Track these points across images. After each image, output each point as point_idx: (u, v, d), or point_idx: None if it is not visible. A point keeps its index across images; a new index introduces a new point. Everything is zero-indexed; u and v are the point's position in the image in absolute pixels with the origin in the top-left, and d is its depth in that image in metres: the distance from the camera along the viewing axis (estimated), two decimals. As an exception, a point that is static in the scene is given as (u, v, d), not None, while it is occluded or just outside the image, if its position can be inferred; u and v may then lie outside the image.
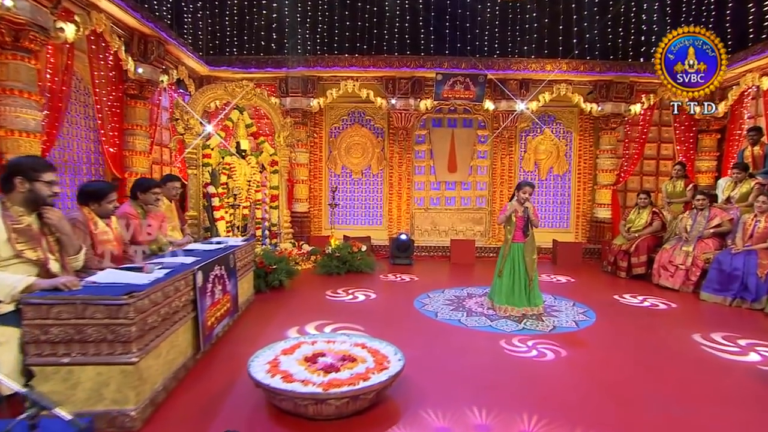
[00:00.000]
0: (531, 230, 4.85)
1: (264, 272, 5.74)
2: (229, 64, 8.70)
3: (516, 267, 4.84)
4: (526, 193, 4.78)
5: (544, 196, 9.51)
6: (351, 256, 7.03)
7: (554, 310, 5.01)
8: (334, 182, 9.48)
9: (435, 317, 4.67)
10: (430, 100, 8.82)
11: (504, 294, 4.84)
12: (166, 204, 5.00)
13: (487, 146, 9.44)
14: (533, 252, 4.83)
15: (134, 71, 6.53)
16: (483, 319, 4.61)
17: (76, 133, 6.21)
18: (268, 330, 4.21)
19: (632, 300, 5.59)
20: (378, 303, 5.34)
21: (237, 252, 4.47)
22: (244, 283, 4.84)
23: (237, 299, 4.30)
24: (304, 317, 4.56)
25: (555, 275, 7.16)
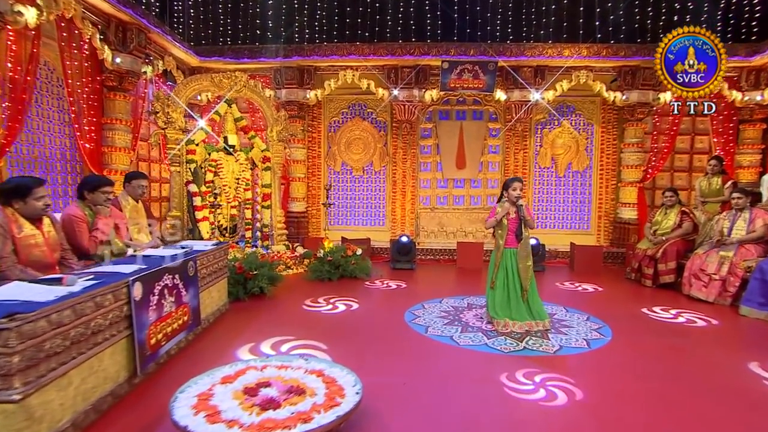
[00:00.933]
0: (526, 233, 4.35)
1: (244, 278, 5.38)
2: (221, 55, 8.39)
3: (510, 276, 4.36)
4: (517, 189, 4.29)
5: (562, 194, 8.92)
6: (344, 260, 6.62)
7: (563, 325, 4.49)
8: (332, 180, 9.09)
9: (424, 333, 4.22)
10: (435, 91, 8.34)
11: (499, 307, 4.36)
12: (132, 204, 4.69)
13: (499, 140, 8.90)
14: (528, 257, 4.33)
15: (112, 61, 6.26)
16: (479, 336, 4.13)
17: (49, 127, 5.96)
18: (232, 347, 3.82)
19: (659, 314, 5.01)
20: (360, 315, 4.89)
21: (201, 258, 4.10)
22: (213, 292, 4.48)
23: (198, 311, 3.93)
24: (269, 331, 4.16)
25: (571, 283, 6.60)
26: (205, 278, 4.22)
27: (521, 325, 4.28)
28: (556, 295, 5.99)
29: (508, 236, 4.38)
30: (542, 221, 8.97)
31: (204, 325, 4.18)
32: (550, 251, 8.36)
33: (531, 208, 8.94)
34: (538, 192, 8.94)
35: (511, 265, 4.36)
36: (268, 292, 5.41)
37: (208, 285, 4.33)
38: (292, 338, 3.98)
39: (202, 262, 4.15)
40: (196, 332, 3.97)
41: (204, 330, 4.15)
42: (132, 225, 4.63)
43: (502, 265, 4.40)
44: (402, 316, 4.75)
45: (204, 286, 4.20)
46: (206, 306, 4.27)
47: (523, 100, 8.27)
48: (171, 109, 6.44)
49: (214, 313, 4.47)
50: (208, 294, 4.33)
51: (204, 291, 4.21)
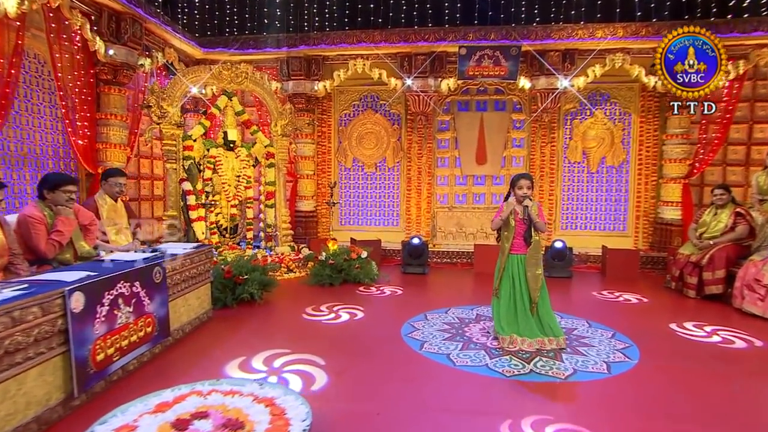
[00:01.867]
0: (535, 237, 3.89)
1: (233, 283, 5.13)
2: (225, 46, 8.22)
3: (516, 286, 3.91)
4: (523, 188, 3.85)
5: (594, 192, 8.28)
6: (347, 263, 6.29)
7: (583, 343, 4.00)
8: (342, 177, 8.78)
9: (419, 349, 3.83)
10: (453, 80, 7.89)
11: (504, 321, 3.92)
12: (110, 203, 4.51)
13: (524, 133, 8.35)
14: (537, 265, 3.87)
15: (104, 53, 6.14)
16: (480, 355, 3.70)
17: (40, 123, 5.89)
18: (213, 360, 3.56)
19: (698, 332, 4.43)
20: (361, 325, 4.56)
21: (173, 263, 3.86)
22: (192, 299, 4.24)
23: (167, 321, 3.69)
24: (261, 343, 3.89)
25: (600, 292, 6.04)
26: (178, 285, 3.98)
27: (531, 343, 3.83)
28: (579, 306, 5.48)
29: (515, 240, 3.94)
30: (571, 222, 8.37)
31: (178, 335, 3.94)
32: (579, 255, 7.78)
33: (543, 208, 8.37)
34: (568, 189, 8.34)
35: (518, 273, 3.92)
36: (258, 299, 5.14)
37: (184, 292, 4.08)
38: (287, 351, 3.70)
39: (174, 266, 3.90)
40: (165, 344, 3.73)
41: (177, 341, 3.91)
42: (110, 226, 4.46)
43: (507, 273, 3.96)
44: (399, 328, 4.37)
45: (178, 293, 3.96)
46: (181, 315, 4.03)
47: (550, 88, 7.70)
48: (166, 103, 6.29)
49: (192, 322, 4.23)
50: (184, 301, 4.08)
51: (178, 298, 3.97)
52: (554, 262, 6.97)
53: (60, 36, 5.76)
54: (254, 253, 6.90)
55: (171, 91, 6.38)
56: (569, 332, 4.27)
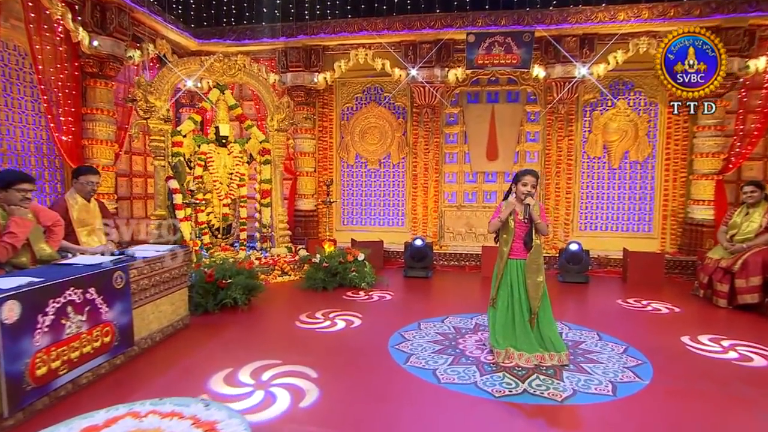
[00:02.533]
0: (537, 241, 3.61)
1: (215, 288, 4.99)
2: (221, 37, 8.10)
3: (515, 294, 3.64)
4: (527, 185, 3.57)
5: (616, 189, 7.88)
6: (342, 266, 6.09)
7: (590, 359, 3.70)
8: (342, 173, 8.59)
9: (403, 363, 3.59)
10: (461, 69, 7.60)
11: (501, 333, 3.65)
12: (81, 203, 4.39)
13: (539, 125, 8.01)
14: (538, 272, 3.59)
15: (88, 44, 6.07)
16: (471, 371, 3.45)
17: (21, 118, 5.85)
18: (173, 372, 3.41)
19: (704, 345, 4.08)
20: (345, 335, 4.35)
21: (139, 266, 3.71)
22: (163, 305, 4.09)
23: (130, 330, 3.54)
24: (248, 353, 3.73)
25: (618, 299, 5.68)
26: (147, 290, 3.83)
27: (529, 358, 3.56)
28: (592, 315, 5.15)
29: (514, 243, 3.67)
30: (591, 222, 7.99)
31: (145, 345, 3.80)
32: (598, 258, 7.42)
33: (545, 208, 8.00)
34: (587, 187, 7.96)
35: (517, 280, 3.65)
36: (242, 304, 4.97)
37: (154, 297, 3.94)
38: (278, 362, 3.55)
39: (142, 270, 3.75)
40: (130, 354, 3.59)
41: (144, 351, 3.77)
42: (80, 227, 4.35)
43: (505, 280, 3.69)
44: (387, 339, 4.14)
45: (145, 299, 3.81)
46: (150, 322, 3.88)
47: (566, 77, 7.34)
48: (153, 97, 6.19)
49: (164, 330, 4.08)
50: (154, 308, 3.94)
51: (147, 304, 3.83)
52: (569, 266, 6.63)
53: (41, 26, 5.70)
54: (248, 255, 6.79)
55: (158, 84, 6.29)
56: (575, 346, 3.98)
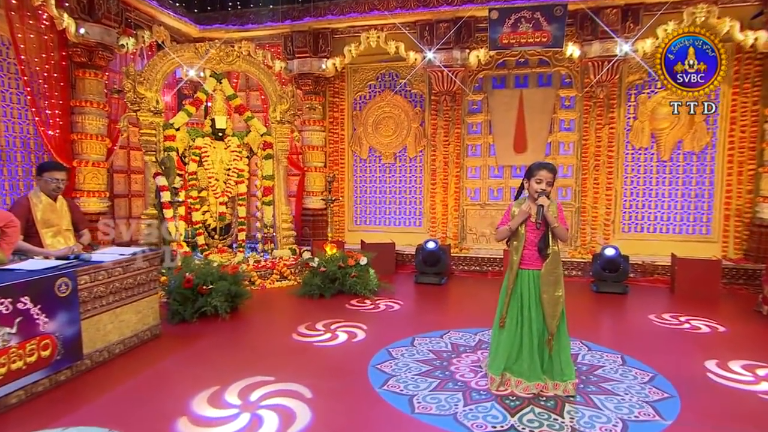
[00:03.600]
0: (554, 247, 3.21)
1: (195, 294, 4.84)
2: (223, 22, 8.03)
3: (526, 312, 3.23)
4: (542, 181, 3.16)
5: (666, 185, 7.23)
6: (342, 271, 5.83)
7: (604, 389, 3.27)
8: (354, 169, 8.33)
9: (377, 388, 3.28)
10: (483, 51, 7.19)
11: (502, 356, 3.27)
12: (46, 202, 4.31)
13: (575, 112, 7.47)
14: (557, 285, 3.18)
15: (75, 32, 6.08)
16: (454, 399, 3.10)
17: (6, 111, 5.93)
18: (122, 390, 3.26)
19: (733, 372, 3.56)
20: (351, 349, 4.11)
21: (92, 272, 3.58)
22: (126, 314, 3.96)
23: (77, 342, 3.40)
24: (219, 369, 3.60)
25: (661, 314, 5.14)
26: (103, 297, 3.70)
27: (528, 387, 3.18)
28: (621, 333, 4.69)
29: (525, 250, 3.26)
30: (635, 223, 7.37)
31: (100, 358, 3.67)
32: (643, 265, 6.84)
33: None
34: (631, 182, 7.35)
35: (530, 295, 3.23)
36: (223, 313, 4.80)
37: (112, 305, 3.81)
38: (273, 379, 3.37)
39: (96, 276, 3.62)
40: (79, 369, 3.46)
41: (98, 365, 3.63)
42: (45, 228, 4.27)
43: (515, 295, 3.29)
44: (369, 358, 3.84)
45: (100, 307, 3.68)
46: (107, 333, 3.76)
47: (606, 56, 6.78)
48: (143, 87, 6.13)
49: (125, 341, 3.95)
50: (112, 317, 3.81)
51: (102, 314, 3.70)
52: (605, 274, 6.12)
53: (24, 13, 5.74)
54: (245, 257, 6.66)
55: (149, 73, 6.22)
56: (591, 371, 3.56)
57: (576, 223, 7.50)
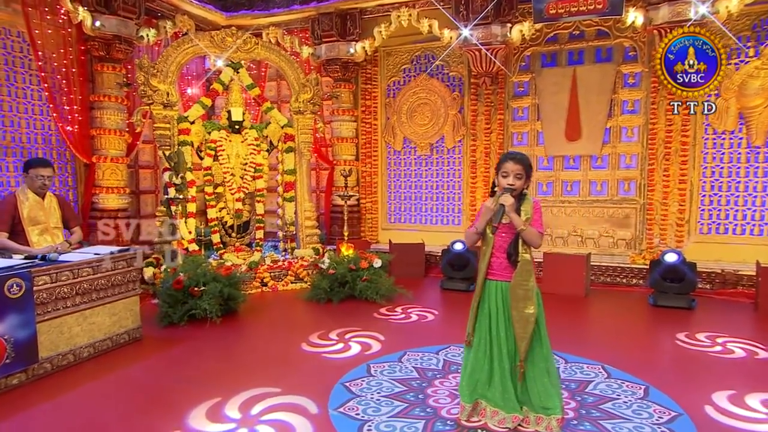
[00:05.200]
0: (525, 254, 2.84)
1: (186, 296, 4.90)
2: (250, 7, 8.13)
3: (494, 329, 2.90)
4: (509, 174, 2.81)
5: (760, 177, 6.32)
6: (352, 274, 5.67)
7: (605, 429, 2.84)
8: (388, 161, 8.13)
9: (331, 410, 3.08)
10: (528, 24, 6.70)
11: (470, 380, 2.95)
12: (33, 199, 4.53)
13: (641, 92, 6.76)
14: (528, 300, 2.81)
15: (91, 25, 6.37)
16: (411, 430, 2.83)
17: (27, 108, 6.33)
18: (72, 398, 3.32)
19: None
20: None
21: (55, 273, 3.68)
22: (98, 317, 4.06)
23: (31, 345, 3.50)
24: (192, 379, 3.62)
25: (742, 341, 4.43)
26: (67, 299, 3.80)
27: (504, 419, 2.85)
28: (651, 357, 4.11)
29: (493, 258, 2.93)
30: (717, 223, 6.52)
31: (62, 362, 3.77)
32: (722, 275, 6.06)
33: (537, 207, 6.62)
34: (711, 174, 6.51)
35: (498, 309, 2.90)
36: (214, 317, 4.81)
37: (80, 307, 3.91)
38: (278, 391, 3.35)
39: (58, 277, 3.73)
40: (36, 373, 3.57)
41: (61, 369, 3.74)
42: (31, 225, 4.49)
43: (483, 311, 2.97)
44: (338, 378, 3.61)
45: (64, 309, 3.78)
46: (74, 336, 3.88)
47: (677, 21, 6.05)
48: (156, 80, 6.33)
49: (96, 345, 4.05)
50: (80, 319, 3.92)
51: (66, 316, 3.80)
52: (666, 285, 5.47)
53: (42, 8, 6.09)
54: (263, 257, 6.71)
55: (162, 65, 6.41)
56: (598, 404, 3.13)
57: (641, 222, 6.79)
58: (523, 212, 2.83)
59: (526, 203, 2.85)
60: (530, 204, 2.86)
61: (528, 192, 2.95)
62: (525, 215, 2.81)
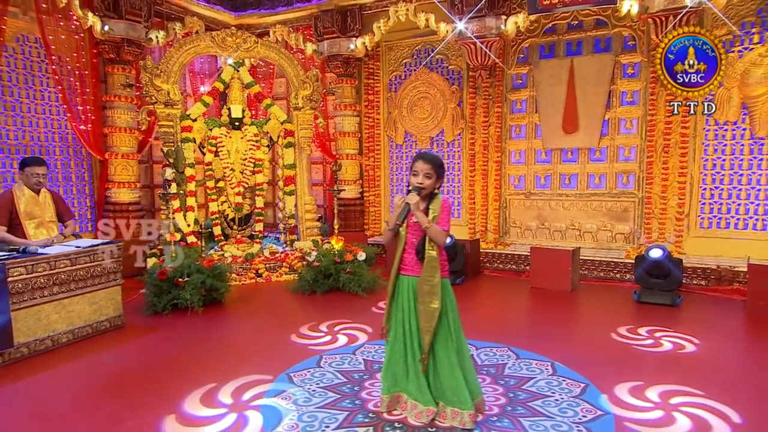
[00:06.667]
0: (431, 252, 2.82)
1: (170, 286, 5.09)
2: (257, 6, 8.26)
3: (406, 323, 2.90)
4: (419, 173, 2.80)
5: (763, 170, 5.96)
6: (335, 267, 5.74)
7: (535, 410, 2.80)
8: (390, 155, 8.12)
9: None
10: (522, 16, 6.53)
11: (390, 373, 2.97)
12: (29, 195, 4.79)
13: (639, 82, 6.48)
14: (433, 295, 2.79)
15: (100, 30, 6.65)
16: (331, 419, 2.88)
17: (44, 109, 6.69)
18: (47, 377, 3.55)
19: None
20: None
21: (28, 265, 3.91)
22: (77, 305, 4.26)
23: (8, 331, 3.73)
24: (161, 365, 3.79)
25: (679, 335, 4.27)
26: (45, 288, 4.01)
27: (421, 413, 2.85)
28: (590, 351, 3.98)
29: (405, 254, 2.94)
30: (717, 216, 6.19)
31: (40, 347, 4.00)
32: (718, 271, 5.77)
33: (445, 206, 6.30)
34: (712, 167, 6.18)
35: (409, 305, 2.91)
36: (196, 307, 4.99)
37: (58, 296, 4.12)
38: (268, 378, 3.49)
39: (35, 268, 3.95)
40: (11, 357, 3.80)
41: (37, 353, 3.96)
42: (28, 220, 4.75)
43: (397, 304, 2.98)
44: (281, 372, 3.65)
45: (41, 298, 3.99)
46: (52, 322, 4.09)
47: (672, 9, 5.76)
48: (160, 80, 6.54)
49: (75, 331, 4.27)
50: (59, 307, 4.13)
51: (44, 304, 4.02)
52: (652, 281, 5.26)
53: (55, 15, 6.40)
54: (262, 248, 6.87)
55: (165, 65, 6.62)
56: (521, 383, 3.08)
57: (639, 216, 6.54)
58: (431, 211, 2.81)
59: (436, 202, 2.84)
60: (439, 203, 2.84)
61: (439, 192, 2.92)
62: (433, 213, 2.80)
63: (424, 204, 2.83)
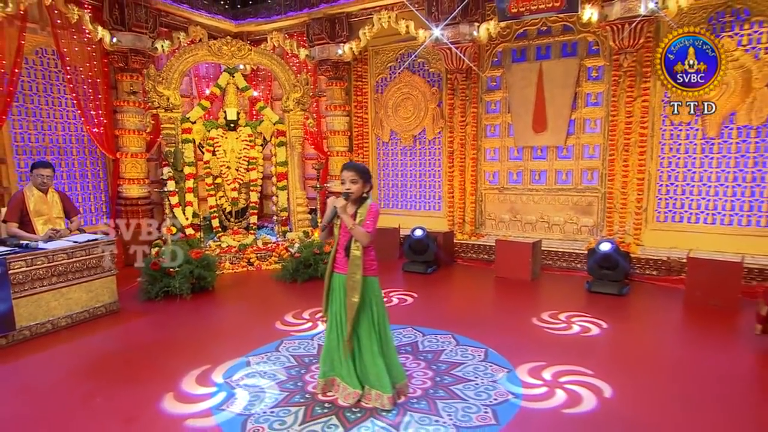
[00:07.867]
0: (356, 251, 3.01)
1: (162, 275, 5.37)
2: (254, 15, 8.41)
3: (337, 316, 3.14)
4: (345, 181, 2.99)
5: (714, 167, 5.96)
6: (315, 258, 5.95)
7: (451, 393, 2.99)
8: (377, 152, 8.23)
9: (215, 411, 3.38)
10: (493, 23, 6.56)
11: (326, 358, 3.22)
12: (37, 195, 5.09)
13: (603, 84, 6.48)
14: (354, 290, 3.02)
15: (110, 41, 6.89)
16: (292, 418, 3.11)
17: (61, 114, 6.99)
18: (46, 357, 3.86)
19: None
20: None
21: (28, 258, 4.21)
22: (74, 293, 4.60)
23: (10, 316, 4.04)
24: (144, 348, 4.08)
25: (591, 319, 4.38)
26: (44, 279, 4.34)
27: (350, 394, 3.08)
28: (512, 333, 4.12)
29: (337, 253, 3.14)
30: (672, 211, 6.22)
31: (41, 330, 4.32)
32: (667, 262, 5.81)
33: (372, 210, 6.30)
34: (669, 164, 6.19)
35: (340, 299, 3.13)
36: (185, 294, 5.27)
37: (56, 285, 4.44)
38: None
39: (34, 261, 4.25)
40: (15, 338, 4.12)
41: (38, 336, 4.27)
42: (37, 217, 5.06)
43: (332, 297, 3.20)
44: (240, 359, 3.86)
45: (41, 287, 4.31)
46: (52, 309, 4.42)
47: (628, 17, 5.74)
48: (162, 86, 6.77)
49: (73, 316, 4.58)
50: (57, 295, 4.46)
51: (44, 293, 4.34)
52: (603, 272, 5.35)
53: (69, 30, 6.66)
54: (256, 239, 7.12)
55: (167, 73, 6.85)
56: (451, 368, 3.25)
57: (602, 210, 6.58)
58: (359, 214, 2.99)
59: (364, 207, 3.01)
60: (367, 208, 3.01)
61: (368, 197, 3.08)
62: (360, 217, 2.97)
63: (354, 208, 3.01)
